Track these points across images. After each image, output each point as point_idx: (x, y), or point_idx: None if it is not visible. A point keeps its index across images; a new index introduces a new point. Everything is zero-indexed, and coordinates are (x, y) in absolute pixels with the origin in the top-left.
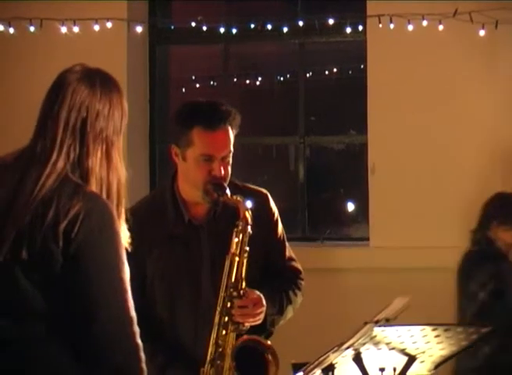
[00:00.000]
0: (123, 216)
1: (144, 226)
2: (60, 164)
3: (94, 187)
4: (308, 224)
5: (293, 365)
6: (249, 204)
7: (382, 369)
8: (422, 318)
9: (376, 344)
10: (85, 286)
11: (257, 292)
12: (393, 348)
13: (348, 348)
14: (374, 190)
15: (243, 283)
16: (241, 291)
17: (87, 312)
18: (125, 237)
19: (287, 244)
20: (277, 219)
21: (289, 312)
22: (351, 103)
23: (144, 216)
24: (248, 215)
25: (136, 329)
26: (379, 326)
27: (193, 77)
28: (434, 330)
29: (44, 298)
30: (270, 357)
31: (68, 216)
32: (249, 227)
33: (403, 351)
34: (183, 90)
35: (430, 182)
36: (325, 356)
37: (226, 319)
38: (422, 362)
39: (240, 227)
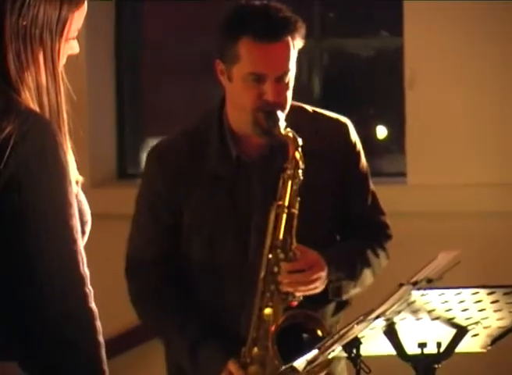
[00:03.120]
0: (68, 142)
1: (181, 163)
2: None
3: (28, 101)
4: None
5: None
6: (301, 142)
7: (422, 345)
8: (475, 278)
9: (415, 312)
10: (20, 236)
11: (314, 252)
12: (437, 318)
13: (378, 317)
14: (412, 109)
15: (293, 242)
16: (290, 253)
17: (23, 270)
18: (73, 170)
19: (372, 189)
20: (358, 157)
21: (367, 278)
22: None
23: (181, 150)
24: (299, 156)
25: (88, 290)
26: (419, 288)
27: None
28: (490, 293)
29: None
30: (322, 334)
31: None
32: (300, 172)
33: (450, 322)
34: None
35: (488, 97)
36: (347, 328)
37: (272, 287)
38: (475, 335)
39: (289, 172)
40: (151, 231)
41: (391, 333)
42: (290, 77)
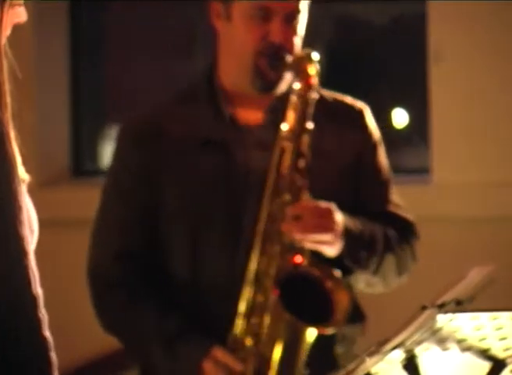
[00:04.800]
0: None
1: (167, 126)
2: None
3: None
4: None
5: None
6: (317, 56)
7: None
8: None
9: (441, 341)
10: None
11: (325, 202)
12: (469, 349)
13: (396, 348)
14: (438, 90)
15: (303, 183)
16: (298, 194)
17: None
18: (19, 165)
19: (392, 183)
20: (375, 147)
21: (390, 266)
22: None
23: (166, 113)
24: (313, 72)
25: (42, 315)
26: (446, 312)
27: None
28: None
29: None
30: (332, 285)
31: None
32: (313, 94)
33: (484, 354)
34: None
35: None
36: (357, 362)
37: (273, 240)
38: None
39: (299, 92)
40: (121, 222)
41: (412, 367)
42: (300, 22)
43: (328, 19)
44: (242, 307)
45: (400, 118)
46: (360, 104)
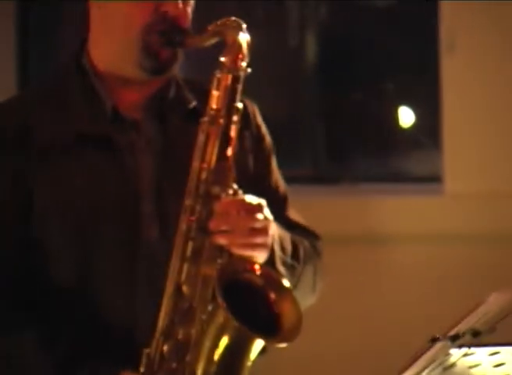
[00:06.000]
0: None
1: (35, 125)
2: None
3: None
4: (327, 151)
5: None
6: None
7: None
8: None
9: None
10: None
11: (255, 197)
12: None
13: None
14: (451, 84)
15: (233, 176)
16: (229, 189)
17: None
18: None
19: (286, 191)
20: (270, 153)
21: (308, 279)
22: None
23: (29, 107)
24: (244, 44)
25: None
26: (461, 345)
27: None
28: None
29: None
30: (277, 296)
31: None
32: (244, 65)
33: None
34: None
35: None
36: None
37: (198, 242)
38: None
39: (225, 67)
40: None
41: None
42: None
43: (321, 2)
44: (161, 322)
45: (405, 117)
46: (249, 102)
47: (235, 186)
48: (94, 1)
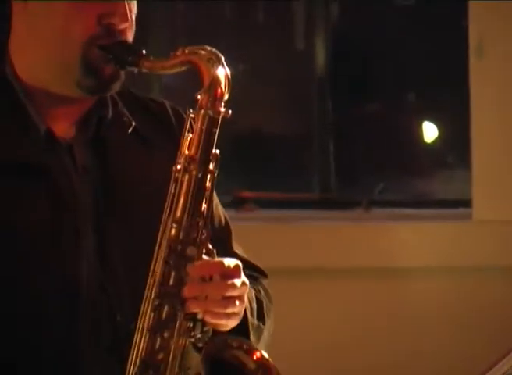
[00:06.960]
0: None
1: None
2: None
3: None
4: (336, 171)
5: None
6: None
7: None
8: None
9: None
10: None
11: (232, 259)
12: None
13: None
14: (480, 92)
15: (208, 233)
16: (202, 248)
17: None
18: None
19: (225, 215)
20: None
21: (267, 335)
22: None
23: None
24: (224, 80)
25: None
26: None
27: None
28: None
29: None
30: (255, 368)
31: None
32: (222, 106)
33: None
34: None
35: None
36: None
37: (169, 307)
38: None
39: (201, 107)
40: None
41: None
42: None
43: (333, 2)
44: None
45: (428, 133)
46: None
47: (210, 246)
48: (17, 8)
